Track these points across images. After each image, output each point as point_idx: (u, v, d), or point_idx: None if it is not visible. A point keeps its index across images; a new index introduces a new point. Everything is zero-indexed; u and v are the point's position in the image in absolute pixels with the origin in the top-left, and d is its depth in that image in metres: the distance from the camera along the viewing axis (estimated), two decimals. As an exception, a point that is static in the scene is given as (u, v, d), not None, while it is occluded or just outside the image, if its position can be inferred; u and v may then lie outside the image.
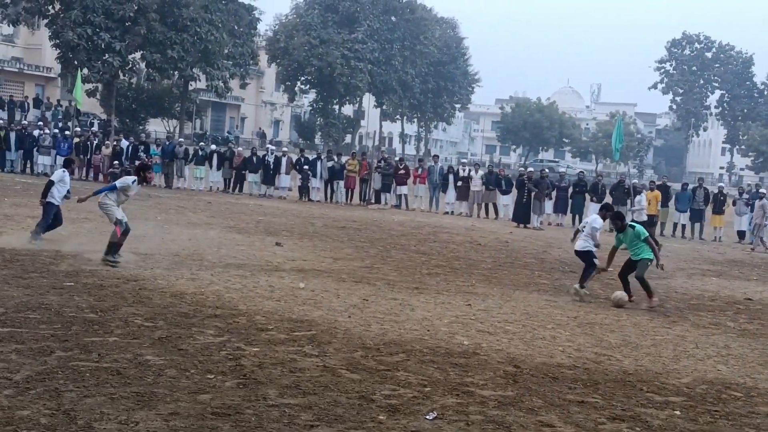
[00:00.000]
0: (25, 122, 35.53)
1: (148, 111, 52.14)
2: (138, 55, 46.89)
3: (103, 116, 48.80)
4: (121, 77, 47.48)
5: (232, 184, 31.05)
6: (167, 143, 32.88)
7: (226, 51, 50.07)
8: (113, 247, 12.07)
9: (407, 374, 7.10)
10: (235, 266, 12.71)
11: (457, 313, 10.26)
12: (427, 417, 5.93)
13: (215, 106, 70.10)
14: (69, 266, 11.39)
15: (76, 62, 42.70)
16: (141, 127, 50.09)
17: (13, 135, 30.67)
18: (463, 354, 8.03)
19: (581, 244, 12.61)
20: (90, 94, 44.87)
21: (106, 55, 43.77)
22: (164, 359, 6.96)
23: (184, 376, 6.53)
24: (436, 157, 34.36)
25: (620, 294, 12.00)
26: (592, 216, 13.40)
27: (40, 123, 36.62)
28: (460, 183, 29.40)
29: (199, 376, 6.56)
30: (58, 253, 12.43)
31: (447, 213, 29.32)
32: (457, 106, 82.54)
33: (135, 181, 12.67)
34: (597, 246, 12.63)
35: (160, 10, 44.66)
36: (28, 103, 44.58)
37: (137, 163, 13.32)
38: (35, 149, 30.78)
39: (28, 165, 31.16)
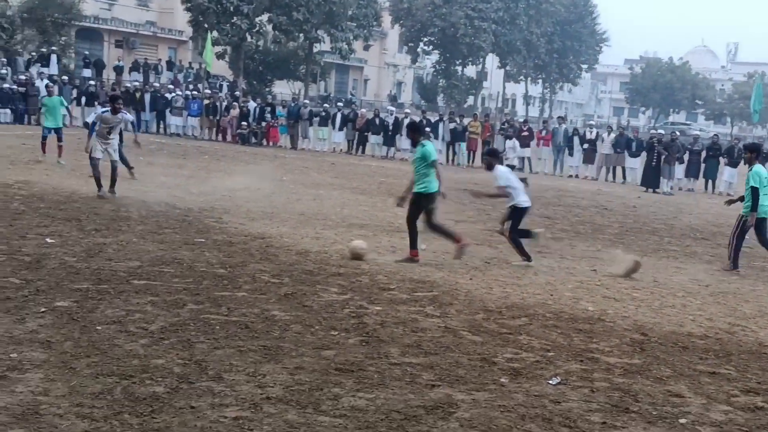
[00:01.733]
0: (159, 84, 36.88)
1: (275, 73, 53.07)
2: (265, 17, 47.72)
3: (232, 78, 50.05)
4: (249, 40, 48.44)
5: (354, 146, 31.35)
6: (292, 105, 33.46)
7: (350, 13, 50.27)
8: (97, 182, 13.55)
9: (530, 338, 7.00)
10: (357, 226, 12.85)
11: (582, 279, 10.04)
12: (550, 382, 5.84)
13: (339, 68, 70.66)
14: (199, 223, 11.80)
15: (206, 25, 43.89)
16: (267, 89, 51.10)
17: (147, 96, 31.97)
18: (588, 320, 7.86)
19: None
20: (219, 56, 46.00)
21: (235, 18, 44.77)
22: (290, 315, 7.12)
23: (309, 332, 6.66)
24: (561, 118, 33.58)
25: (357, 243, 10.30)
26: None
27: (171, 86, 37.90)
28: (586, 145, 28.66)
29: (323, 332, 6.68)
30: (190, 210, 12.89)
31: (571, 176, 28.70)
32: (584, 66, 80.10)
33: (107, 111, 13.80)
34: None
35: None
36: (162, 66, 46.16)
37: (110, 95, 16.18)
38: (168, 110, 32.02)
39: (161, 125, 32.45)
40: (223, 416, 4.76)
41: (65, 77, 33.59)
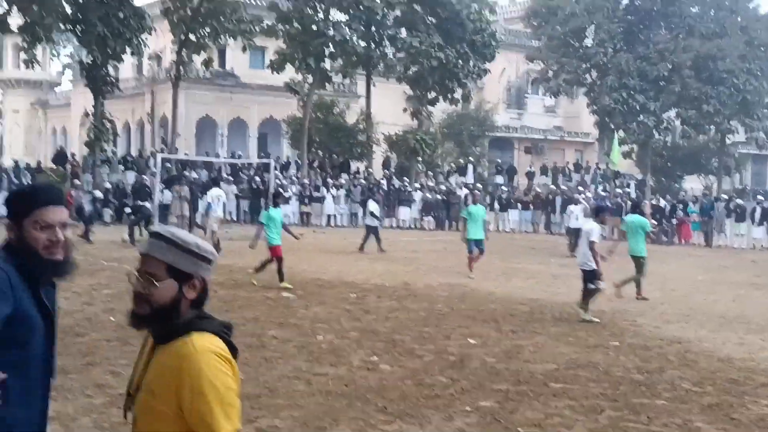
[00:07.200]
0: (566, 187, 37.78)
1: (684, 168, 51.31)
2: (672, 113, 46.72)
3: (639, 176, 49.39)
4: (656, 137, 47.67)
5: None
6: (705, 200, 32.03)
7: (767, 100, 47.13)
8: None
9: None
10: (787, 331, 11.72)
11: None
12: None
13: (756, 158, 66.01)
14: (613, 325, 11.67)
15: (612, 125, 44.21)
16: (676, 185, 49.50)
17: (558, 199, 32.90)
18: None
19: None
20: (626, 155, 45.85)
21: (641, 116, 44.52)
22: (716, 428, 6.68)
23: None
24: None
25: None
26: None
27: (580, 187, 38.54)
28: None
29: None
30: (603, 312, 12.82)
31: None
32: None
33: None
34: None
35: (695, 65, 43.98)
36: (569, 168, 47.23)
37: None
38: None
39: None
40: None
41: (479, 185, 35.89)
